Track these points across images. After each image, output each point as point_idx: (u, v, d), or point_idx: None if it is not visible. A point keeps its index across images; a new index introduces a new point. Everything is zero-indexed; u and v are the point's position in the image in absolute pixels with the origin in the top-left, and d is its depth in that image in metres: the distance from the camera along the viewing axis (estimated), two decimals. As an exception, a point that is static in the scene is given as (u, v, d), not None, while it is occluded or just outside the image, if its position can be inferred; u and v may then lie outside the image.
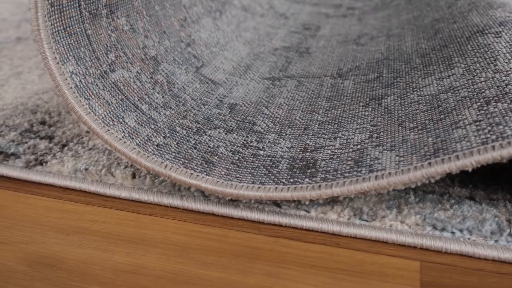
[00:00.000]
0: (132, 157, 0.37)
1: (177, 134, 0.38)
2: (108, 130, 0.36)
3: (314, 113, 0.44)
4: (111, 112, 0.38)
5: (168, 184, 0.41)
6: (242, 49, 0.54)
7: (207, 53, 0.48)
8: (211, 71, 0.47)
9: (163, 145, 0.37)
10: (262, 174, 0.37)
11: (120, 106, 0.38)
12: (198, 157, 0.38)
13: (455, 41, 0.49)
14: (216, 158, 0.38)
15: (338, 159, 0.37)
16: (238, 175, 0.37)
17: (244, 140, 0.40)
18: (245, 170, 0.38)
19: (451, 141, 0.34)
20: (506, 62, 0.40)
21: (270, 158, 0.39)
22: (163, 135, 0.38)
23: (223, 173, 0.37)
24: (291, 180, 0.36)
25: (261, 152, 0.40)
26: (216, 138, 0.40)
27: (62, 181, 0.43)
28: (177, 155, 0.38)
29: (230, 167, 0.38)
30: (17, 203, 0.42)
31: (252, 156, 0.39)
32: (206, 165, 0.37)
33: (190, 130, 0.39)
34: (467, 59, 0.44)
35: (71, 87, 0.36)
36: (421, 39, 0.55)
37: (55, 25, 0.37)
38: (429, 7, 0.66)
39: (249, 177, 0.37)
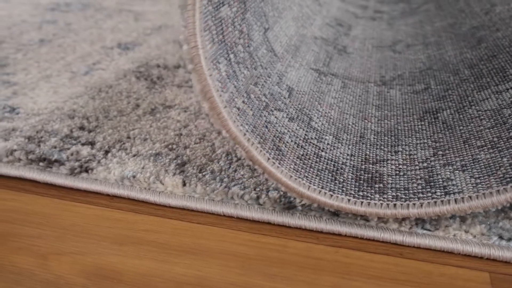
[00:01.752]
0: (222, 115, 0.34)
1: (252, 102, 0.37)
2: (211, 75, 0.33)
3: (366, 121, 0.44)
4: (213, 52, 0.35)
5: (220, 192, 0.40)
6: (291, 24, 0.53)
7: (271, 14, 0.46)
8: (273, 38, 0.45)
9: (242, 110, 0.35)
10: (329, 180, 0.36)
11: (218, 47, 0.36)
12: (270, 140, 0.36)
13: (504, 51, 0.48)
14: (283, 146, 0.36)
15: (405, 176, 0.37)
16: (306, 174, 0.36)
17: (305, 134, 0.39)
18: (312, 170, 0.36)
19: None
20: None
21: (333, 163, 0.38)
22: (242, 99, 0.36)
23: (292, 167, 0.36)
24: (360, 193, 0.35)
25: (323, 153, 0.38)
26: (281, 123, 0.38)
27: (109, 189, 0.42)
28: (254, 129, 0.36)
29: (298, 162, 0.36)
30: (65, 211, 0.40)
31: (315, 156, 0.38)
32: (277, 152, 0.36)
33: (260, 102, 0.38)
34: None
35: (200, 12, 0.33)
36: (464, 48, 0.54)
37: None
38: (463, 14, 0.65)
39: (317, 180, 0.36)
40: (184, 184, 0.41)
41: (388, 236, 0.37)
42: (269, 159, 0.35)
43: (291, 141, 0.38)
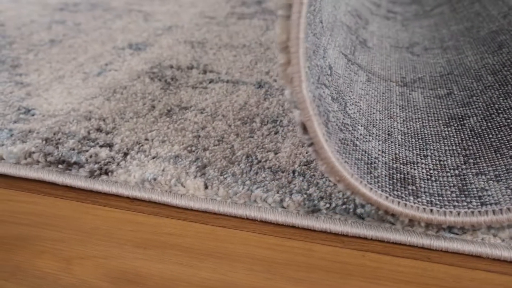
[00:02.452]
0: (300, 74, 0.30)
1: (312, 70, 0.34)
2: (302, 36, 0.30)
3: (391, 119, 0.43)
4: (303, 10, 0.31)
5: (243, 194, 0.40)
6: (329, 1, 0.51)
7: None
8: (323, 8, 0.43)
9: (308, 75, 0.32)
10: (366, 172, 0.35)
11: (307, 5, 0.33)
12: (322, 114, 0.33)
13: None
14: (330, 125, 0.35)
15: (437, 182, 0.36)
16: (347, 160, 0.35)
17: (343, 118, 0.38)
18: (350, 157, 0.35)
19: None
20: None
21: (367, 155, 0.37)
22: (308, 63, 0.33)
23: (335, 148, 0.34)
24: (395, 192, 0.35)
25: (358, 143, 0.38)
26: (327, 102, 0.36)
27: (130, 192, 0.41)
28: (314, 99, 0.33)
29: (340, 145, 0.35)
30: (86, 214, 0.40)
31: (352, 144, 0.37)
32: (326, 129, 0.34)
33: (315, 73, 0.36)
34: None
35: None
36: (484, 53, 0.53)
37: None
38: (480, 17, 0.64)
39: (356, 169, 0.35)
40: (206, 187, 0.41)
41: (415, 239, 0.36)
42: (324, 134, 0.32)
43: (334, 121, 0.35)
